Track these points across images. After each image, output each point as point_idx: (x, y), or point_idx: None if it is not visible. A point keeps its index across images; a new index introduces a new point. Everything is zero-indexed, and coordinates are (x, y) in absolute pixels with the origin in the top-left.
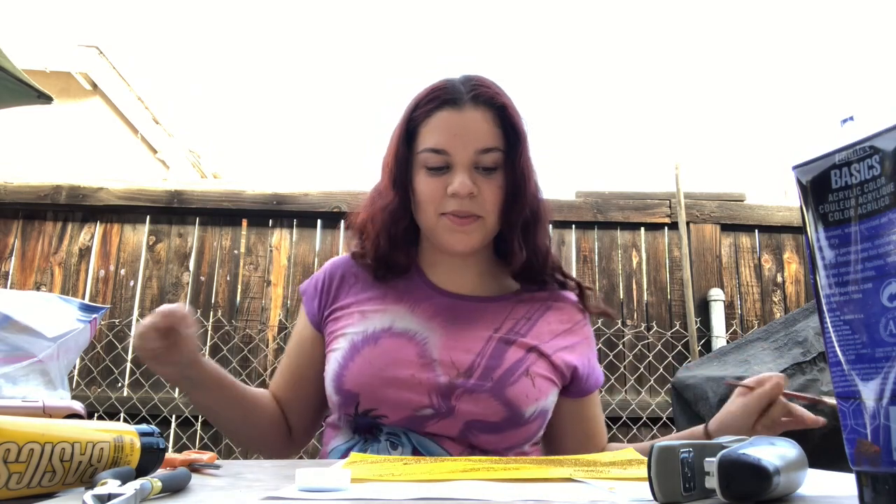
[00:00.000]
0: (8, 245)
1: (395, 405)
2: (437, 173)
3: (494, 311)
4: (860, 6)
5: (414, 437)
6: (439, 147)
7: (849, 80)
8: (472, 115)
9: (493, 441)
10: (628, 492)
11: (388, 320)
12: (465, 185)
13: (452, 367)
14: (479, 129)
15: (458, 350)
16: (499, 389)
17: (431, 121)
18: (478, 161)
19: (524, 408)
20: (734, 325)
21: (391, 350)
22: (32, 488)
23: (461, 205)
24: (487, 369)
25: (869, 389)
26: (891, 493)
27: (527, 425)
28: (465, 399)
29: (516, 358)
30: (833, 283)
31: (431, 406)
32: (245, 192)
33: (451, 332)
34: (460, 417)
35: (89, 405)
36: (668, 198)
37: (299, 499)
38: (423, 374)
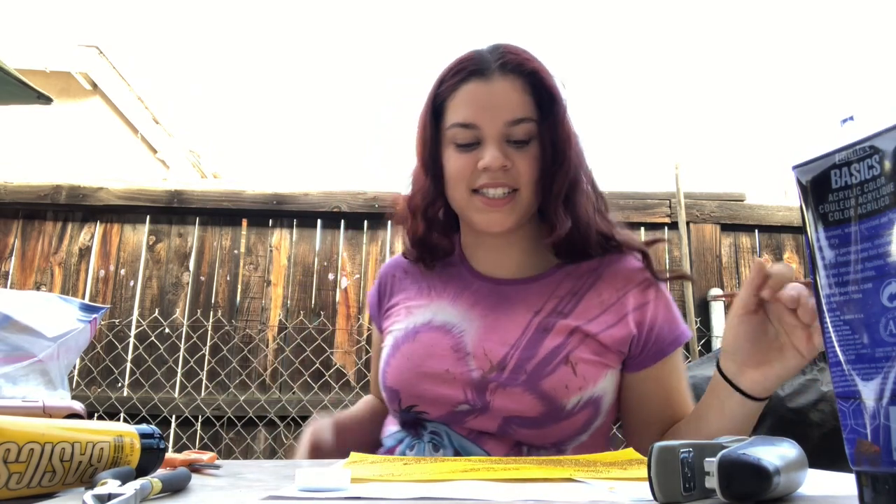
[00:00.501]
0: (8, 245)
1: (433, 401)
2: (466, 149)
3: (538, 290)
4: (860, 6)
5: (456, 438)
6: (467, 121)
7: (849, 80)
8: (501, 85)
9: (536, 436)
10: (628, 492)
11: (430, 314)
12: (496, 158)
13: (486, 360)
14: (508, 99)
15: (492, 341)
16: (533, 382)
17: (458, 94)
18: (509, 134)
19: (563, 400)
20: None
21: (427, 344)
22: (32, 488)
23: (494, 178)
24: (521, 361)
25: (869, 389)
26: (891, 493)
27: (571, 418)
28: (499, 394)
29: (554, 345)
30: (833, 283)
31: (467, 402)
32: (245, 192)
33: (490, 322)
34: (497, 413)
35: (89, 405)
36: (668, 198)
37: (299, 499)
38: (457, 368)
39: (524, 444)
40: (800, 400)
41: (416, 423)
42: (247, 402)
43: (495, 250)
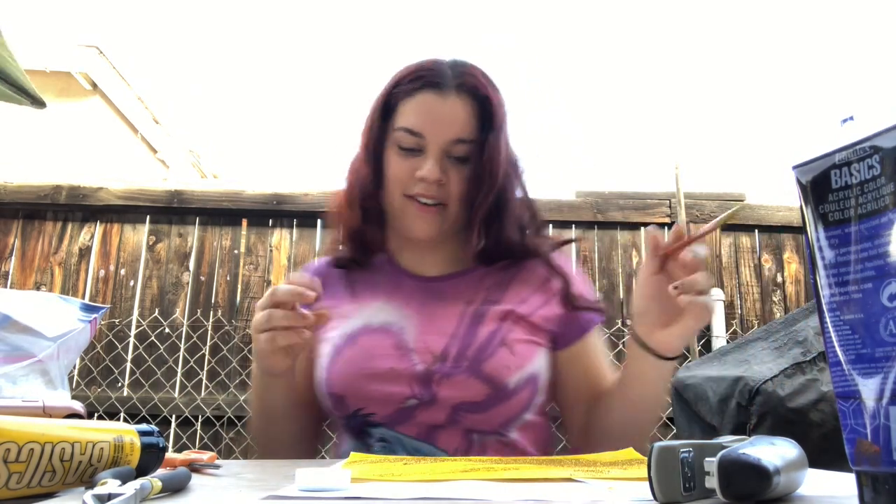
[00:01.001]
0: (8, 245)
1: (380, 400)
2: (408, 154)
3: (466, 284)
4: (860, 6)
5: (407, 441)
6: (415, 129)
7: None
8: (454, 103)
9: (485, 420)
10: (628, 492)
11: (366, 317)
12: (433, 171)
13: (427, 353)
14: (457, 118)
15: (432, 334)
16: (475, 367)
17: (412, 100)
18: (450, 150)
19: (505, 379)
20: (734, 325)
21: (369, 346)
22: (32, 488)
23: (427, 189)
24: (461, 349)
25: (869, 389)
26: (891, 493)
27: (515, 397)
28: (444, 384)
29: (490, 330)
30: (833, 283)
31: (414, 395)
32: (245, 192)
33: (426, 317)
34: (444, 402)
35: (89, 405)
36: (668, 198)
37: (299, 498)
38: (401, 364)
39: (474, 431)
40: (800, 400)
41: (362, 431)
42: (247, 401)
43: (422, 249)
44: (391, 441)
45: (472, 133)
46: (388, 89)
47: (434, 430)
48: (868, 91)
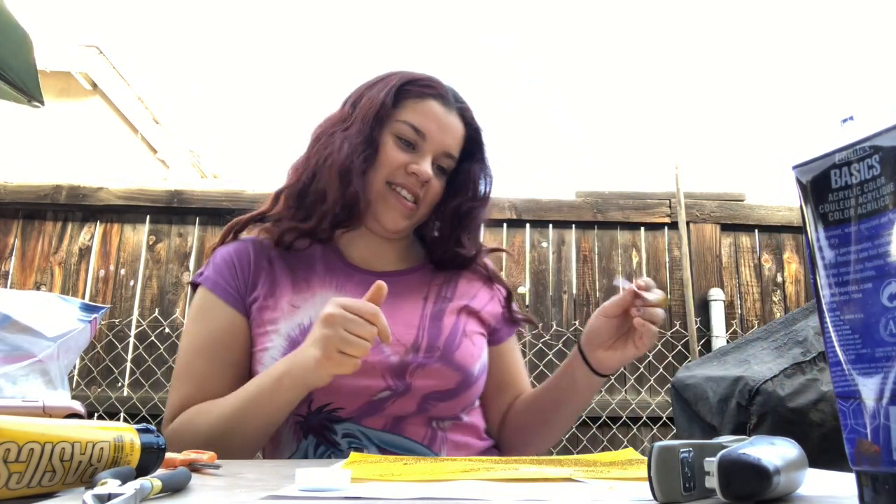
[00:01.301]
0: (8, 245)
1: (351, 394)
2: (405, 147)
3: (417, 280)
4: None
5: (373, 434)
6: (420, 127)
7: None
8: (454, 121)
9: (450, 407)
10: (628, 492)
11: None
12: (426, 172)
13: (399, 345)
14: (454, 135)
15: (398, 326)
16: (448, 356)
17: (423, 103)
18: (439, 159)
19: (472, 367)
20: (734, 325)
21: None
22: (32, 488)
23: (413, 185)
24: (431, 340)
25: (869, 389)
26: (891, 493)
27: (476, 384)
28: (419, 374)
29: (452, 323)
30: (833, 283)
31: (388, 388)
32: (245, 192)
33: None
34: (417, 392)
35: (89, 405)
36: (668, 197)
37: (299, 498)
38: (373, 357)
39: (434, 418)
40: (800, 400)
41: (324, 428)
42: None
43: (372, 247)
44: (358, 436)
45: (458, 152)
46: (401, 84)
47: (400, 420)
48: (868, 91)
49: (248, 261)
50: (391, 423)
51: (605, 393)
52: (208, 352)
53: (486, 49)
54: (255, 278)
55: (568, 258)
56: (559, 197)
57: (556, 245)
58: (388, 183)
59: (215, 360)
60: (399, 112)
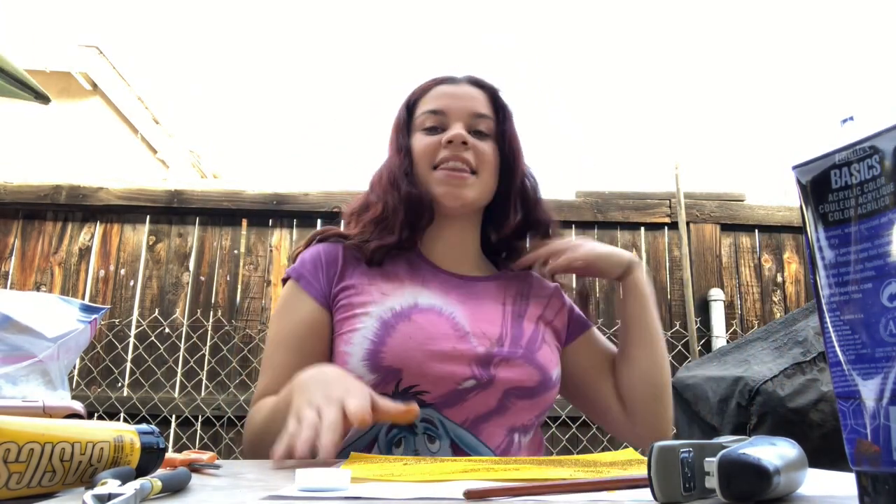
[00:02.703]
0: (8, 245)
1: (438, 379)
2: (432, 132)
3: (495, 287)
4: (860, 6)
5: (450, 426)
6: (437, 108)
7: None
8: (468, 88)
9: (528, 407)
10: (628, 492)
11: (412, 297)
12: (459, 133)
13: (485, 338)
14: (474, 98)
15: (483, 321)
16: (530, 355)
17: (430, 93)
18: (472, 124)
19: (551, 371)
20: (734, 325)
21: (427, 325)
22: (32, 488)
23: (455, 151)
24: (515, 337)
25: (869, 389)
26: (891, 493)
27: (553, 389)
28: (503, 367)
29: (532, 327)
30: (833, 283)
31: (474, 377)
32: (245, 192)
33: (471, 307)
34: (500, 386)
35: (89, 405)
36: (668, 198)
37: (299, 499)
38: (462, 345)
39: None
40: (800, 400)
41: None
42: (247, 402)
43: (452, 248)
44: (436, 424)
45: (489, 112)
46: (409, 97)
47: (481, 420)
48: (868, 91)
49: (335, 259)
50: (472, 420)
51: None
52: (286, 343)
53: (486, 49)
54: (342, 273)
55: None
56: (559, 197)
57: None
58: (435, 167)
59: (291, 352)
60: (417, 111)
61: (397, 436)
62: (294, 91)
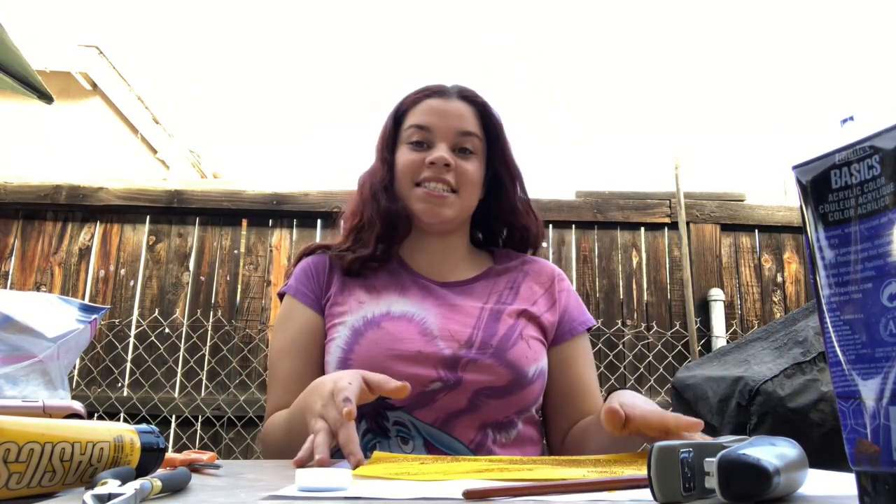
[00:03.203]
0: (8, 245)
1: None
2: (417, 148)
3: (480, 289)
4: (860, 6)
5: (422, 427)
6: (423, 124)
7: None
8: (456, 104)
9: (502, 406)
10: (628, 492)
11: (385, 306)
12: (442, 156)
13: (453, 340)
14: (461, 114)
15: (455, 324)
16: (500, 354)
17: (419, 106)
18: (458, 142)
19: (526, 368)
20: (734, 325)
21: (394, 331)
22: (32, 488)
23: (437, 173)
24: (485, 338)
25: (869, 389)
26: (891, 493)
27: (530, 386)
28: (470, 368)
29: (508, 325)
30: (833, 283)
31: (440, 379)
32: (245, 192)
33: (446, 310)
34: (468, 387)
35: (89, 405)
36: (668, 198)
37: (299, 498)
38: (428, 348)
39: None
40: (800, 400)
41: (378, 414)
42: (247, 402)
43: (434, 255)
44: (407, 426)
45: (476, 129)
46: (398, 105)
47: (452, 417)
48: (868, 91)
49: (324, 269)
50: (442, 419)
51: (605, 393)
52: (290, 352)
53: (486, 49)
54: (329, 281)
55: (568, 258)
56: (559, 197)
57: (556, 245)
58: (416, 184)
59: (297, 359)
60: (404, 123)
61: (371, 441)
62: (294, 91)
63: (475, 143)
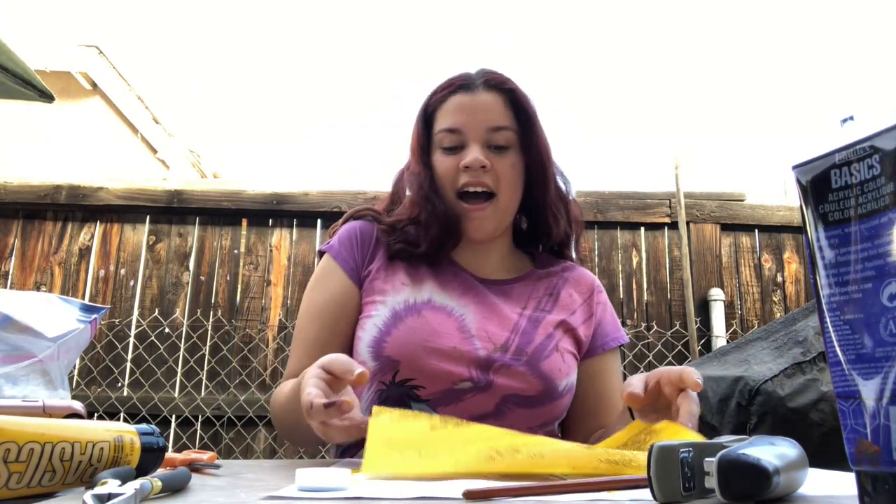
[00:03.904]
0: (8, 245)
1: (435, 376)
2: (452, 152)
3: (519, 291)
4: (860, 6)
5: None
6: (453, 126)
7: (849, 80)
8: (484, 97)
9: (527, 416)
10: (628, 492)
11: (427, 294)
12: (476, 158)
13: (489, 342)
14: (490, 109)
15: (493, 325)
16: (534, 364)
17: (446, 105)
18: (490, 139)
19: (558, 381)
20: (734, 325)
21: (434, 322)
22: (32, 488)
23: (475, 175)
24: (521, 345)
25: (869, 389)
26: (891, 493)
27: (559, 400)
28: (502, 373)
29: (546, 334)
30: (833, 283)
31: (471, 379)
32: (245, 192)
33: (484, 310)
34: (497, 391)
35: (89, 405)
36: (668, 197)
37: (299, 498)
38: (464, 346)
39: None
40: (800, 400)
41: (401, 401)
42: (247, 401)
43: (477, 251)
44: None
45: (508, 121)
46: (426, 102)
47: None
48: (868, 91)
49: (370, 238)
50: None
51: None
52: (319, 319)
53: (487, 49)
54: (374, 253)
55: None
56: None
57: None
58: (458, 193)
59: (324, 328)
60: (434, 126)
61: None
62: (294, 91)
63: (508, 136)
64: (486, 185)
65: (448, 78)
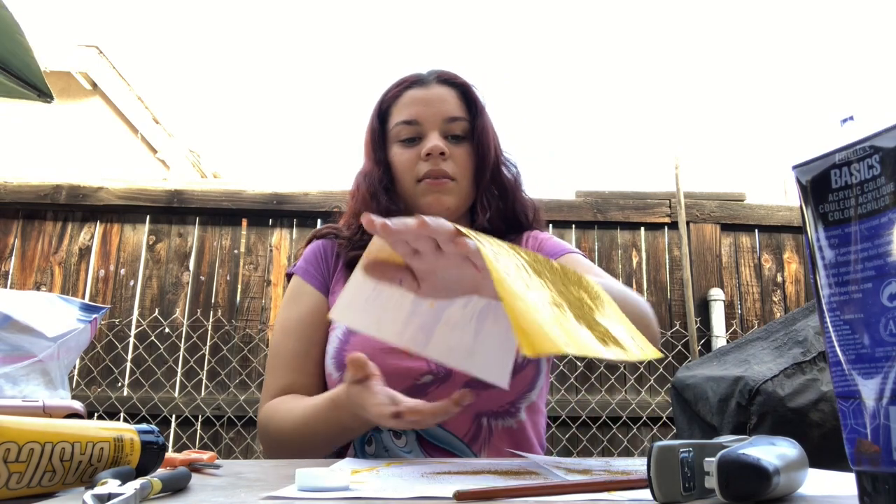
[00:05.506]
0: (8, 245)
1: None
2: (410, 144)
3: None
4: (860, 6)
5: None
6: (410, 118)
7: (849, 80)
8: (439, 90)
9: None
10: (628, 492)
11: None
12: (436, 145)
13: None
14: (445, 101)
15: None
16: None
17: (402, 99)
18: (447, 129)
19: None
20: (734, 325)
21: None
22: (32, 488)
23: (435, 164)
24: None
25: (869, 389)
26: (891, 493)
27: (521, 371)
28: None
29: None
30: (833, 282)
31: (430, 371)
32: (245, 192)
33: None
34: (458, 379)
35: (89, 405)
36: (668, 197)
37: (299, 499)
38: None
39: (484, 414)
40: (800, 400)
41: None
42: (247, 401)
43: None
44: None
45: (462, 112)
46: (380, 100)
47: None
48: (868, 91)
49: (332, 253)
50: None
51: (605, 393)
52: (295, 333)
53: (484, 49)
54: (335, 268)
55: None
56: (559, 197)
57: None
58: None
59: (302, 339)
60: (390, 121)
61: (367, 435)
62: (294, 91)
63: (463, 126)
64: (446, 174)
65: (400, 77)
